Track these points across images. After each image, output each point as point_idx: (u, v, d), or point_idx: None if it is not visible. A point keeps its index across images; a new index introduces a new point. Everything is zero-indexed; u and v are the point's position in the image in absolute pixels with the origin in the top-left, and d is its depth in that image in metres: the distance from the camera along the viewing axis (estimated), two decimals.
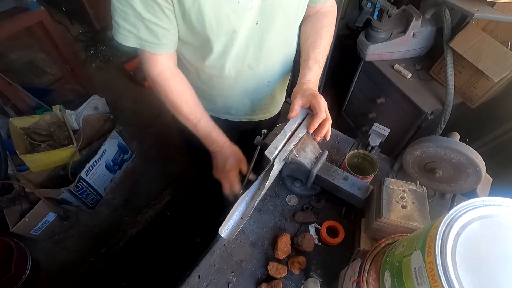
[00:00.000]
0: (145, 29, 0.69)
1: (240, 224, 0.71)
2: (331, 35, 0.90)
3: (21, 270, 1.41)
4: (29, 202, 1.49)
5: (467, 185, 0.81)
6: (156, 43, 0.72)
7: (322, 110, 0.72)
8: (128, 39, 0.71)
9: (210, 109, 1.00)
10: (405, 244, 0.49)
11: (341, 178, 0.83)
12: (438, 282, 0.37)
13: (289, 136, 0.75)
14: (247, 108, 1.04)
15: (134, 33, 0.70)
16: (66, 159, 1.64)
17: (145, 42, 0.71)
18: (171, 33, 0.73)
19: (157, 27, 0.69)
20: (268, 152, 0.72)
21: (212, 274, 0.76)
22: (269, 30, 0.77)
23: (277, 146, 0.72)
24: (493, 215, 0.41)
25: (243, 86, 0.93)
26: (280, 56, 0.91)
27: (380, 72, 1.61)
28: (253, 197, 0.75)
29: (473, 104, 1.43)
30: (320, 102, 0.72)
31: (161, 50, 0.75)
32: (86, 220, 1.78)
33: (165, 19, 0.69)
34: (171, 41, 0.75)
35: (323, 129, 0.72)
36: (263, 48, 0.81)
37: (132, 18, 0.67)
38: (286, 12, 0.77)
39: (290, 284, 0.75)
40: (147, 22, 0.68)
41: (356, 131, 1.97)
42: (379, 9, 1.57)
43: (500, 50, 1.25)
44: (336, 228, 0.82)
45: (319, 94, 0.75)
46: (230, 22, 0.71)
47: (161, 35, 0.71)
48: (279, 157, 0.72)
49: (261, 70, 0.88)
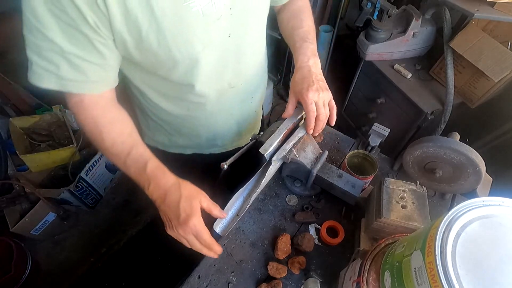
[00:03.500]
0: (68, 66, 0.54)
1: (235, 220, 0.69)
2: (310, 13, 0.86)
3: (21, 270, 1.41)
4: (29, 202, 1.49)
5: (467, 185, 0.81)
6: (83, 81, 0.57)
7: (309, 109, 0.70)
8: (43, 79, 0.55)
9: (193, 146, 0.94)
10: (405, 244, 0.49)
11: (335, 176, 0.83)
12: (438, 282, 0.37)
13: (285, 134, 0.74)
14: (233, 134, 0.95)
15: (52, 72, 0.54)
16: (66, 159, 1.64)
17: (69, 82, 0.56)
18: (104, 69, 0.59)
19: (85, 63, 0.55)
20: (263, 149, 0.71)
21: (212, 274, 0.76)
22: (245, 40, 0.70)
23: (271, 144, 0.72)
24: (493, 215, 0.41)
25: (227, 109, 0.83)
26: (258, 66, 0.83)
27: (380, 72, 1.61)
28: (249, 194, 0.73)
29: (473, 104, 1.43)
30: (306, 100, 0.70)
31: (89, 89, 0.59)
32: (86, 220, 1.78)
33: (95, 53, 0.55)
34: (104, 78, 0.60)
35: (318, 126, 0.73)
36: (241, 62, 0.73)
37: (49, 53, 0.52)
38: (258, 17, 0.70)
39: (290, 284, 0.75)
40: (70, 57, 0.53)
41: (356, 131, 1.97)
42: (379, 9, 1.57)
43: (500, 50, 1.25)
44: (336, 228, 0.82)
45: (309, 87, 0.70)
46: (198, 38, 0.60)
47: (90, 71, 0.57)
48: (276, 155, 0.71)
49: (242, 86, 0.80)
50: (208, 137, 0.91)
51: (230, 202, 0.71)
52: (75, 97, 0.60)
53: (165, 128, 0.88)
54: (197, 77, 0.68)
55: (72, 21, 0.49)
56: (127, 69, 0.69)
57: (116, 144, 0.62)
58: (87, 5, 0.48)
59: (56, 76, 0.55)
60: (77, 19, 0.49)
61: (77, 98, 0.60)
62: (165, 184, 0.60)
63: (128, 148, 0.62)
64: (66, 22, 0.49)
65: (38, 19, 0.49)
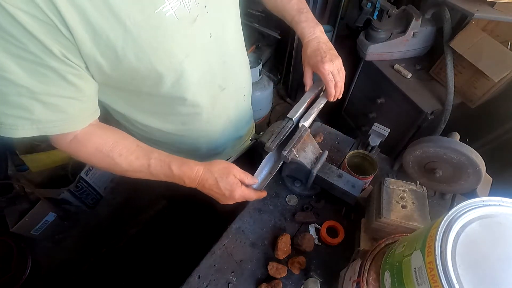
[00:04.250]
0: (42, 107, 0.49)
1: (268, 178, 0.76)
2: None
3: (21, 270, 1.41)
4: (29, 202, 1.49)
5: (467, 185, 0.81)
6: (63, 119, 0.52)
7: (328, 79, 0.76)
8: (17, 128, 0.49)
9: None
10: (405, 244, 0.49)
11: (335, 176, 0.83)
12: (438, 282, 0.37)
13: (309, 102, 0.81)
14: (233, 138, 0.93)
15: (26, 117, 0.48)
16: (66, 159, 1.64)
17: (47, 124, 0.51)
18: (82, 102, 0.54)
19: (60, 99, 0.50)
20: (291, 114, 0.77)
21: (212, 274, 0.76)
22: (225, 37, 0.68)
23: (298, 110, 0.78)
24: (493, 215, 0.41)
25: (223, 113, 0.81)
26: (242, 61, 0.81)
27: (380, 72, 1.61)
28: (279, 156, 0.77)
29: (473, 104, 1.42)
30: (323, 72, 0.76)
31: (74, 126, 0.55)
32: (86, 220, 1.78)
33: (68, 87, 0.50)
34: (84, 111, 0.56)
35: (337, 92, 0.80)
36: (226, 61, 0.71)
37: (16, 97, 0.46)
38: (231, 9, 0.68)
39: (290, 284, 0.75)
40: (42, 97, 0.48)
41: (356, 131, 1.97)
42: (379, 9, 1.57)
43: (500, 50, 1.25)
44: (336, 228, 0.82)
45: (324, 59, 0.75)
46: (178, 44, 0.57)
47: (68, 107, 0.52)
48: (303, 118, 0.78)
49: (233, 86, 0.78)
50: (209, 147, 0.88)
51: (264, 162, 0.77)
52: (67, 137, 0.57)
53: None
54: (187, 87, 0.65)
55: (36, 57, 0.44)
56: (108, 96, 0.65)
57: (132, 162, 0.61)
58: (49, 36, 0.43)
59: (32, 121, 0.49)
60: (42, 54, 0.44)
61: (69, 137, 0.57)
62: (196, 175, 0.64)
63: (146, 160, 0.61)
64: (30, 60, 0.44)
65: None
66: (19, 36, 0.42)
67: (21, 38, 0.42)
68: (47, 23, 0.42)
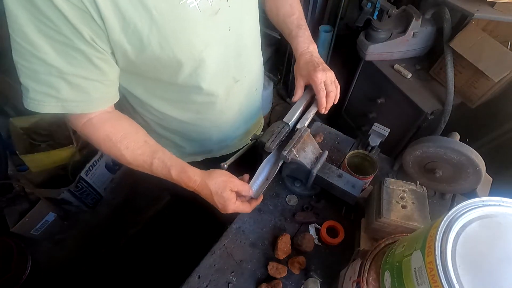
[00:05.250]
0: (68, 87, 0.53)
1: (265, 184, 0.75)
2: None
3: (21, 270, 1.41)
4: (29, 202, 1.49)
5: (467, 185, 0.81)
6: (86, 100, 0.57)
7: (319, 88, 0.75)
8: (44, 105, 0.53)
9: (204, 152, 0.94)
10: (405, 244, 0.49)
11: (335, 176, 0.83)
12: (438, 282, 0.37)
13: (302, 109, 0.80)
14: (242, 131, 0.96)
15: (52, 95, 0.53)
16: (66, 159, 1.64)
17: (71, 103, 0.55)
18: (105, 85, 0.58)
19: (86, 81, 0.54)
20: (287, 119, 0.76)
21: (212, 274, 0.76)
22: (243, 31, 0.70)
23: (294, 113, 0.77)
24: (493, 215, 0.41)
25: (235, 104, 0.83)
26: (257, 56, 0.84)
27: (380, 72, 1.61)
28: (277, 159, 0.77)
29: (473, 104, 1.42)
30: (316, 80, 0.75)
31: (94, 108, 0.59)
32: (86, 220, 1.78)
33: (94, 70, 0.54)
34: (106, 94, 0.60)
35: (329, 103, 0.78)
36: (242, 54, 0.74)
37: (47, 76, 0.50)
38: (251, 4, 0.71)
39: (290, 284, 0.75)
40: (69, 77, 0.52)
41: (356, 131, 1.97)
42: (379, 9, 1.57)
43: (500, 50, 1.25)
44: (336, 228, 0.82)
45: (316, 68, 0.75)
46: (199, 35, 0.60)
47: (92, 89, 0.56)
48: (300, 123, 0.77)
49: (246, 79, 0.81)
50: (219, 138, 0.90)
51: (260, 167, 0.75)
52: (83, 118, 0.60)
53: (173, 138, 0.86)
54: (203, 77, 0.67)
55: (67, 40, 0.48)
56: (128, 82, 0.67)
57: (137, 156, 0.63)
58: (82, 21, 0.47)
59: (57, 99, 0.54)
60: (73, 37, 0.48)
61: (85, 119, 0.60)
62: (193, 185, 0.66)
63: (149, 158, 0.64)
64: (61, 42, 0.48)
65: (31, 43, 0.47)
66: (54, 18, 0.45)
67: (56, 21, 0.45)
68: (82, 9, 0.46)
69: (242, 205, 0.69)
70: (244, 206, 0.70)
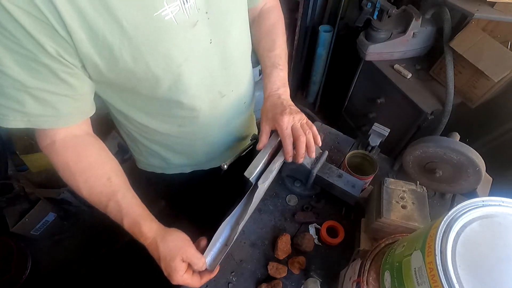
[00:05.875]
0: (34, 102, 0.50)
1: (224, 251, 0.64)
2: (283, 29, 0.83)
3: (21, 270, 1.41)
4: (29, 202, 1.49)
5: (467, 185, 0.81)
6: (54, 115, 0.53)
7: (285, 134, 0.67)
8: (9, 119, 0.50)
9: (192, 164, 0.91)
10: (405, 244, 0.49)
11: (335, 176, 0.83)
12: (438, 282, 0.37)
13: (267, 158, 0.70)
14: (231, 143, 0.91)
15: (17, 110, 0.50)
16: None
17: (38, 118, 0.52)
18: (75, 99, 0.54)
19: (53, 96, 0.51)
20: (248, 173, 0.66)
21: None
22: (229, 44, 0.65)
23: (256, 166, 0.66)
24: (493, 215, 0.41)
25: (221, 118, 0.78)
26: (246, 69, 0.79)
27: (380, 72, 1.61)
28: (237, 221, 0.68)
29: (473, 104, 1.42)
30: (281, 125, 0.67)
31: (64, 123, 0.56)
32: (86, 220, 1.78)
33: (61, 85, 0.51)
34: (76, 108, 0.56)
35: (300, 150, 0.67)
36: (229, 68, 0.69)
37: (10, 90, 0.48)
38: (238, 16, 0.66)
39: (290, 284, 0.75)
40: (34, 91, 0.49)
41: (356, 131, 1.97)
42: (379, 9, 1.57)
43: (500, 50, 1.25)
44: (336, 228, 0.82)
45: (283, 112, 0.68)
46: (177, 49, 0.56)
47: (60, 104, 0.53)
48: (263, 178, 0.67)
49: (233, 93, 0.75)
50: (205, 150, 0.86)
51: (218, 232, 0.65)
52: (47, 139, 0.57)
53: (158, 150, 0.83)
54: (184, 92, 0.63)
55: (30, 53, 0.45)
56: (105, 94, 0.65)
57: (94, 194, 0.59)
58: (45, 34, 0.44)
59: (23, 114, 0.50)
60: (36, 51, 0.45)
61: (48, 140, 0.57)
62: (144, 242, 0.60)
63: (106, 199, 0.59)
64: (24, 55, 0.45)
65: None
66: (14, 31, 0.43)
67: (16, 34, 0.43)
68: (44, 21, 0.43)
69: (190, 278, 0.60)
70: (194, 280, 0.60)
